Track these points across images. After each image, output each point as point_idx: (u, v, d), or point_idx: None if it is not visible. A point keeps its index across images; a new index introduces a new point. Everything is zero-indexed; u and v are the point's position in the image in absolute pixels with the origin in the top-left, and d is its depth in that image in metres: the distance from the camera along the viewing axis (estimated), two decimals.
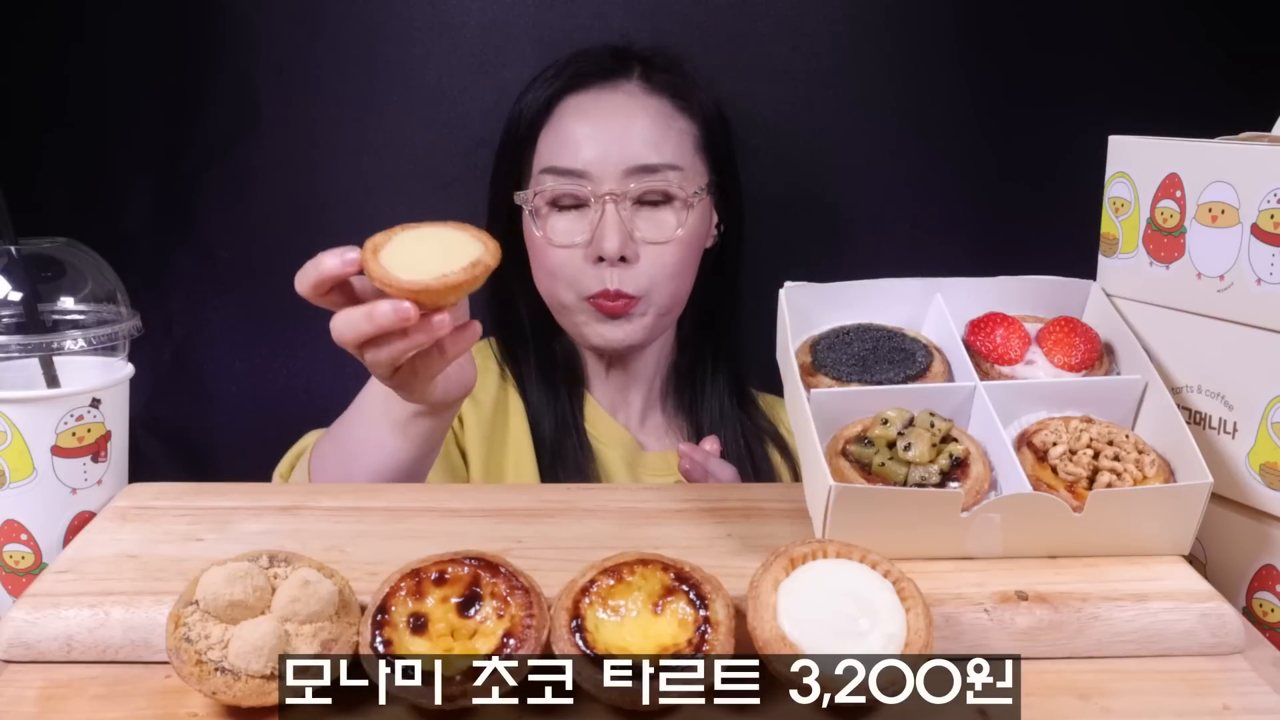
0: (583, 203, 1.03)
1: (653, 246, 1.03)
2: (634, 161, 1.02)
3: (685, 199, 1.04)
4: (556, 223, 1.04)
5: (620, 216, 1.01)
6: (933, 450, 0.66)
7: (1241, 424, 0.68)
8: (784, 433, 1.15)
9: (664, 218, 1.04)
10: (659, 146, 1.04)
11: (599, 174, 1.02)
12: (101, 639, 0.58)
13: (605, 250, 1.01)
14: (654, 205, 1.04)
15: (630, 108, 1.05)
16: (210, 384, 1.30)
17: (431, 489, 0.86)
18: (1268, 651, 0.61)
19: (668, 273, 1.04)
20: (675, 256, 1.04)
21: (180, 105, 1.23)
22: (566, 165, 1.03)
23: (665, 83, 1.07)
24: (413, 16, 1.23)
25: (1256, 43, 1.23)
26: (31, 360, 0.75)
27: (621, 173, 1.02)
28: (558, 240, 1.03)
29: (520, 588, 0.56)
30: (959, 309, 0.77)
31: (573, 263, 1.03)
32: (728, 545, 0.68)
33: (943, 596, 0.60)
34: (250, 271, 1.27)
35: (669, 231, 1.03)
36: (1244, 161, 0.67)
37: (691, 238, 1.06)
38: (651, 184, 1.03)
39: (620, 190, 1.01)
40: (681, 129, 1.07)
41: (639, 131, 1.04)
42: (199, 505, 0.73)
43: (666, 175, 1.03)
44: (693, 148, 1.07)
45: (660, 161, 1.03)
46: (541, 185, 1.04)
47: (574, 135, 1.04)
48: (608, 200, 1.01)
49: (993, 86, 1.26)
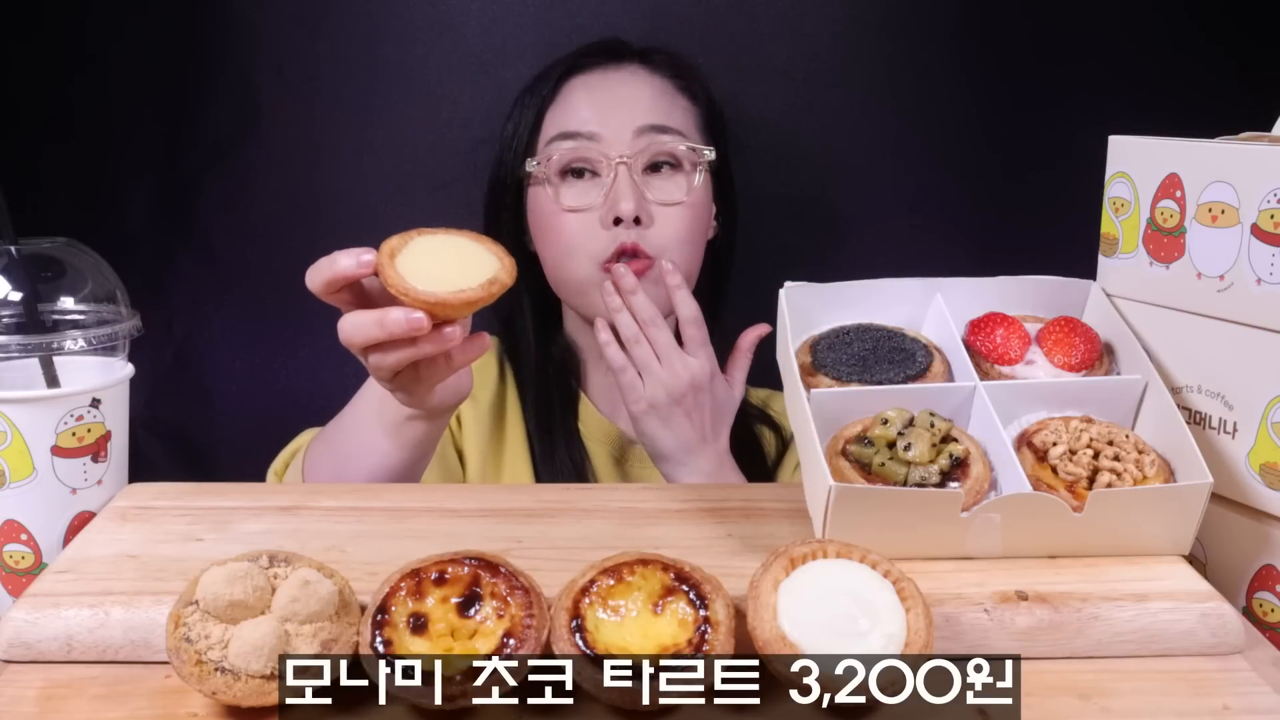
0: (594, 170, 1.04)
1: (665, 209, 1.04)
2: (642, 122, 1.03)
3: (693, 162, 1.05)
4: (568, 190, 1.05)
5: (633, 179, 1.02)
6: (933, 450, 0.66)
7: (1241, 424, 0.68)
8: (771, 414, 1.16)
9: (676, 180, 1.05)
10: (667, 112, 1.06)
11: (609, 136, 1.03)
12: (101, 639, 0.58)
13: (621, 210, 1.01)
14: (663, 171, 1.05)
15: (635, 81, 1.07)
16: (210, 384, 1.30)
17: (431, 489, 0.86)
18: (1268, 651, 0.61)
19: (680, 236, 1.04)
20: (687, 221, 1.05)
21: (180, 105, 1.23)
22: (576, 129, 1.04)
23: (666, 65, 1.10)
24: (413, 17, 1.23)
25: (1257, 44, 1.23)
26: (31, 360, 0.75)
27: (631, 134, 1.03)
28: (569, 203, 1.03)
29: (520, 588, 0.56)
30: (959, 309, 0.77)
31: (587, 229, 1.03)
32: (728, 545, 0.68)
33: (943, 596, 0.60)
34: (250, 271, 1.27)
35: (680, 194, 1.04)
36: (1244, 161, 0.67)
37: (699, 206, 1.07)
38: (661, 144, 1.04)
39: (631, 152, 1.02)
40: (685, 106, 1.08)
41: (646, 99, 1.06)
42: (199, 505, 0.73)
43: (675, 138, 1.05)
44: (696, 125, 1.09)
45: (668, 124, 1.05)
46: (552, 152, 1.04)
47: (582, 105, 1.06)
48: (619, 163, 1.02)
49: (993, 86, 1.26)
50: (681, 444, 0.97)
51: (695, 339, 0.98)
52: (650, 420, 0.97)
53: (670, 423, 0.97)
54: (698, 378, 0.96)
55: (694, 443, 0.97)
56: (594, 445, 1.11)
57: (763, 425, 1.15)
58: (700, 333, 0.98)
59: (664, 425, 0.97)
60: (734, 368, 1.03)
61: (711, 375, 0.98)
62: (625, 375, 0.98)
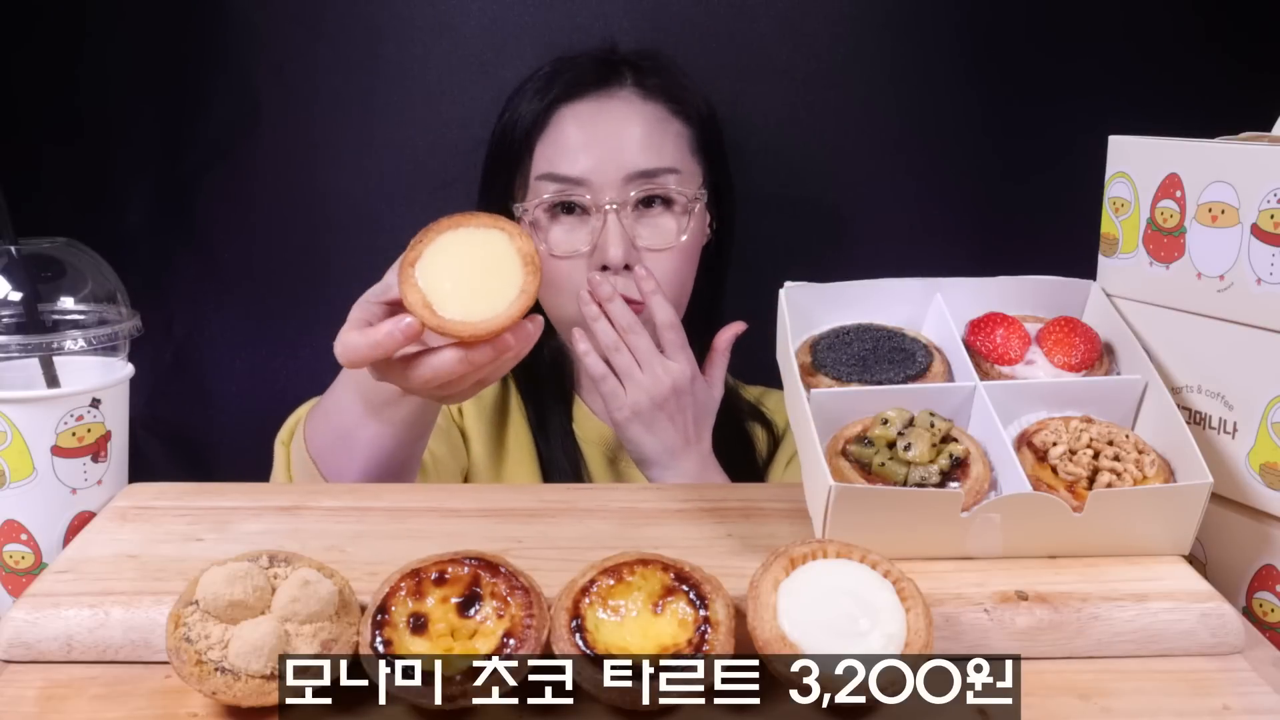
0: (582, 209, 1.03)
1: (655, 254, 1.03)
2: (633, 168, 1.02)
3: (685, 203, 1.04)
4: (556, 232, 1.03)
5: (623, 225, 1.01)
6: (933, 450, 0.66)
7: (1241, 424, 0.68)
8: (764, 410, 1.16)
9: (665, 223, 1.04)
10: (658, 151, 1.04)
11: (599, 182, 1.01)
12: (101, 639, 0.58)
13: (609, 259, 1.00)
14: (654, 211, 1.04)
15: (627, 114, 1.05)
16: (210, 384, 1.30)
17: (431, 489, 0.86)
18: (1268, 652, 0.61)
19: (670, 280, 1.03)
20: (677, 263, 1.04)
21: (181, 105, 1.23)
22: (565, 173, 1.02)
23: (659, 87, 1.07)
24: (413, 16, 1.23)
25: (1257, 43, 1.23)
26: (31, 360, 0.75)
27: (621, 180, 1.01)
28: (559, 251, 1.03)
29: (520, 588, 0.56)
30: (959, 309, 0.77)
31: (576, 274, 1.02)
32: (728, 545, 0.68)
33: (943, 596, 0.60)
34: (250, 271, 1.27)
35: (671, 238, 1.03)
36: (1244, 161, 0.67)
37: (692, 243, 1.06)
38: (651, 189, 1.03)
39: (621, 198, 1.01)
40: (677, 132, 1.07)
41: (636, 137, 1.04)
42: (199, 505, 0.73)
43: (665, 179, 1.03)
44: (689, 150, 1.07)
45: (659, 166, 1.03)
46: (540, 194, 1.03)
47: (572, 143, 1.04)
48: (609, 209, 1.01)
49: (993, 86, 1.26)
50: (666, 447, 0.97)
51: (674, 343, 0.97)
52: (634, 426, 0.97)
53: (654, 427, 0.97)
54: (679, 381, 0.96)
55: (678, 446, 0.97)
56: (588, 446, 1.11)
57: (754, 422, 1.15)
58: (679, 336, 0.97)
59: (648, 430, 0.97)
60: (712, 367, 1.02)
61: (692, 378, 0.97)
62: (606, 383, 0.97)
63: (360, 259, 1.26)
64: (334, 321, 0.71)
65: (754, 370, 1.17)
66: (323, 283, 1.25)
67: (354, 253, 1.25)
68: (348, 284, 1.16)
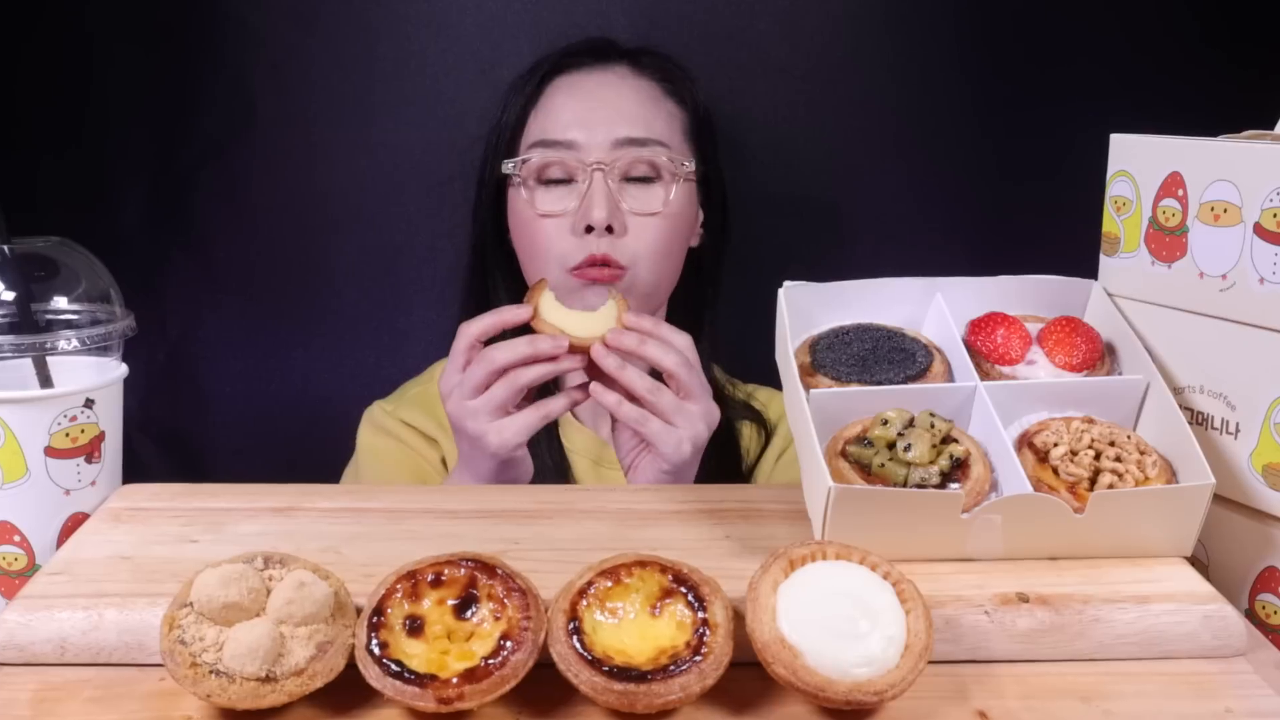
0: (571, 177, 1.03)
1: (640, 219, 1.03)
2: (622, 133, 1.03)
3: (673, 173, 1.05)
4: (544, 195, 1.04)
5: (608, 187, 1.02)
6: (933, 451, 0.66)
7: (1244, 425, 0.68)
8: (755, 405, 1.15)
9: (653, 191, 1.05)
10: (648, 123, 1.05)
11: (587, 144, 1.02)
12: (95, 641, 0.58)
13: (593, 218, 1.00)
14: (642, 181, 1.04)
15: (620, 86, 1.06)
16: (205, 384, 1.29)
17: (428, 490, 0.86)
18: (1270, 654, 0.61)
19: (653, 248, 1.04)
20: (662, 232, 1.04)
21: (175, 104, 1.23)
22: (555, 137, 1.04)
23: (654, 66, 1.09)
24: (409, 15, 1.23)
25: (1258, 42, 1.23)
26: (24, 360, 0.74)
27: (610, 144, 1.02)
28: (545, 208, 1.03)
29: (517, 589, 0.56)
30: (959, 309, 0.77)
31: (559, 234, 1.03)
32: (726, 547, 0.68)
33: (943, 598, 0.60)
34: (246, 271, 1.26)
35: (656, 204, 1.04)
36: (1246, 160, 0.67)
37: (678, 217, 1.06)
38: (639, 155, 1.03)
39: (608, 160, 1.02)
40: (670, 111, 1.08)
41: (628, 107, 1.05)
42: (193, 506, 0.72)
43: (655, 150, 1.04)
44: (681, 132, 1.08)
45: (649, 136, 1.04)
46: (530, 156, 1.04)
47: (563, 110, 1.05)
48: (595, 170, 1.01)
49: (993, 85, 1.25)
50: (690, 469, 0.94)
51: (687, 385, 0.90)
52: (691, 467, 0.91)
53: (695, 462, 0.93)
54: (710, 418, 0.91)
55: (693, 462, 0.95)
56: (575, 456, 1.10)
57: (745, 419, 1.14)
58: (689, 375, 0.90)
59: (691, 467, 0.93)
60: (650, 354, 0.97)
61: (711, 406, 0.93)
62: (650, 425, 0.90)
63: (356, 259, 1.26)
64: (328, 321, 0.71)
65: (752, 370, 1.16)
66: (318, 283, 1.25)
67: (350, 252, 1.25)
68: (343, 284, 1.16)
